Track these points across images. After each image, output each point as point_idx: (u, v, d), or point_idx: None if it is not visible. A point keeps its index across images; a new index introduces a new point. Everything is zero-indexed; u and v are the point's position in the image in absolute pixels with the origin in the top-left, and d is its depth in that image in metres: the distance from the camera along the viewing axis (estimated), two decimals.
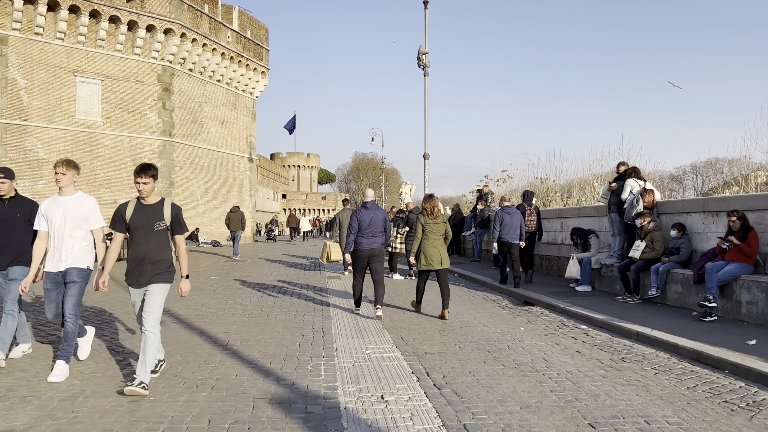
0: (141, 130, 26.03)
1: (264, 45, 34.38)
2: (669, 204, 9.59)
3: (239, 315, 8.55)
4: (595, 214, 11.42)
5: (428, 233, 8.34)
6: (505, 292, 11.06)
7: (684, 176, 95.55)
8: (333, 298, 10.37)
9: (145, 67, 26.12)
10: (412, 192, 54.09)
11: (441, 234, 8.39)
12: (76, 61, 24.09)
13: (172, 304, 9.45)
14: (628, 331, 7.21)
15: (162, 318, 8.47)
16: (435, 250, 8.30)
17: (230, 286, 12.08)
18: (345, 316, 8.45)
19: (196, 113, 29.18)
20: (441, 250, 8.35)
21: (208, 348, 6.47)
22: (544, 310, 9.10)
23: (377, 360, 5.92)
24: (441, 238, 8.40)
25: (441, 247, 8.37)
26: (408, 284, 12.49)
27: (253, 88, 34.18)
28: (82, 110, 24.27)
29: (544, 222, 13.55)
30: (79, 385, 5.09)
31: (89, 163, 24.42)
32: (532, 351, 6.34)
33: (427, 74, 20.31)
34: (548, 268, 13.18)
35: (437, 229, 8.35)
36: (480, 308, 9.39)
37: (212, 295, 10.76)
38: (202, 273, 14.82)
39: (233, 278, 13.51)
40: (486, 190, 17.39)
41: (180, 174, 27.87)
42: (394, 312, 8.88)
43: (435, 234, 8.34)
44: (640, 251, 9.11)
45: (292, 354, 6.20)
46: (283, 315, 8.55)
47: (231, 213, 19.87)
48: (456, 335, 7.18)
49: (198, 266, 16.72)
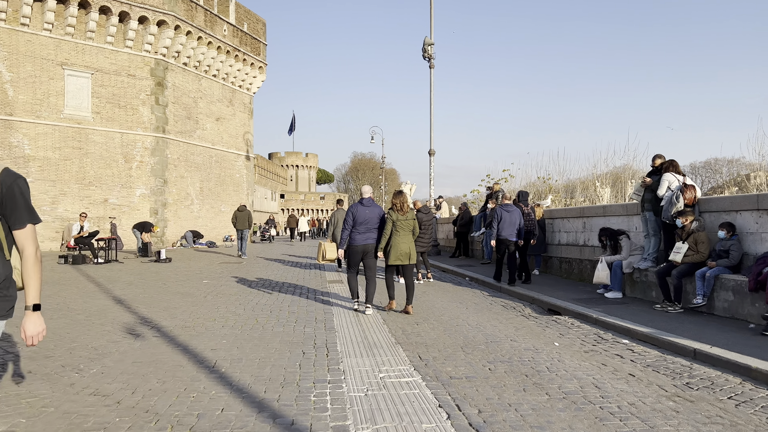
0: (133, 126, 24.97)
1: (261, 39, 33.33)
2: (713, 201, 8.57)
3: (231, 327, 7.52)
4: (624, 212, 10.41)
5: (398, 228, 8.47)
6: (526, 299, 10.05)
7: None
8: (336, 305, 9.35)
9: (137, 60, 25.07)
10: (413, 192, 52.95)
11: (410, 229, 8.56)
12: (65, 54, 23.03)
13: (156, 314, 8.42)
14: (681, 348, 6.20)
15: (142, 331, 7.47)
16: (405, 245, 8.47)
17: (223, 291, 11.05)
18: (351, 328, 7.43)
19: (191, 109, 28.14)
20: (410, 245, 8.53)
21: (191, 370, 5.44)
22: (575, 321, 8.09)
23: (394, 387, 4.90)
24: (410, 234, 8.57)
25: (410, 242, 8.55)
26: (416, 289, 11.47)
27: (250, 84, 33.13)
28: (70, 105, 23.21)
29: (563, 222, 12.56)
30: None
31: (78, 160, 23.37)
32: (577, 374, 5.33)
33: (432, 66, 19.30)
34: (568, 272, 12.18)
35: (406, 225, 8.52)
36: (502, 318, 8.37)
37: (202, 302, 9.73)
38: (193, 276, 13.78)
39: (227, 282, 12.48)
40: (497, 187, 16.36)
41: (174, 172, 26.81)
42: (406, 322, 7.87)
43: (404, 230, 8.50)
44: (681, 254, 8.10)
45: (291, 378, 5.17)
46: (280, 327, 7.52)
47: (238, 212, 19.52)
48: (482, 353, 6.16)
49: (190, 269, 15.69)
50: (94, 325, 7.64)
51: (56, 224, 22.62)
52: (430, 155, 19.54)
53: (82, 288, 11.47)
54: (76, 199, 23.27)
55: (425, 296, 10.51)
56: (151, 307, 9.09)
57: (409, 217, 8.53)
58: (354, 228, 8.40)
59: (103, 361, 5.78)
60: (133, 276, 13.86)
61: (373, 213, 8.46)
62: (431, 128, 19.37)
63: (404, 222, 8.48)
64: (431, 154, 19.53)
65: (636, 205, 9.95)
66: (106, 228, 22.06)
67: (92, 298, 10.05)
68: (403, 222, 8.48)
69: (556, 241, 12.78)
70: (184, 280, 13.03)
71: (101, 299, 9.96)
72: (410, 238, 8.57)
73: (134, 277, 13.69)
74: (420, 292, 11.02)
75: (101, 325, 7.62)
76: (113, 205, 24.36)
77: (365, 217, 8.39)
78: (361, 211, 8.42)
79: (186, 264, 17.24)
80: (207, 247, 26.69)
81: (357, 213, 8.40)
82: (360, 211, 8.41)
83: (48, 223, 22.52)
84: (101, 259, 16.91)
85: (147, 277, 13.50)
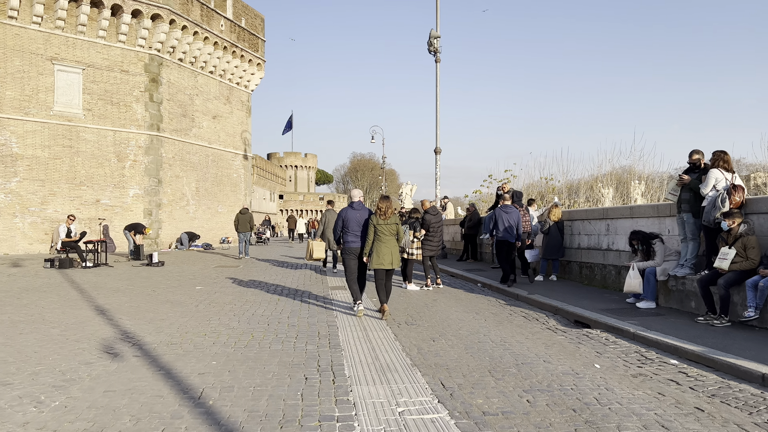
0: (126, 124, 24.08)
1: (260, 35, 32.44)
2: (763, 201, 7.69)
3: (223, 344, 6.64)
4: (654, 214, 9.54)
5: (380, 234, 8.41)
6: (548, 308, 9.18)
7: None
8: (340, 315, 8.47)
9: (130, 55, 24.18)
10: (413, 192, 52.13)
11: (393, 234, 8.51)
12: (55, 48, 22.14)
13: (140, 327, 7.53)
14: (745, 372, 5.33)
15: (121, 349, 6.57)
16: (387, 250, 8.43)
17: (217, 299, 10.17)
18: (359, 345, 6.55)
19: (187, 106, 27.24)
20: (393, 250, 8.51)
21: (172, 403, 4.56)
22: (609, 335, 7.22)
23: (417, 427, 4.02)
24: (393, 238, 8.52)
25: (393, 247, 8.52)
26: (426, 296, 10.60)
27: (248, 81, 32.24)
28: (61, 101, 22.31)
29: (584, 224, 11.69)
30: None
31: (69, 159, 22.47)
32: (634, 408, 4.45)
33: (438, 60, 18.43)
34: (590, 278, 11.31)
35: (389, 229, 8.45)
36: (527, 332, 7.50)
37: (193, 312, 8.84)
38: (186, 282, 12.89)
39: (222, 289, 11.60)
40: (507, 187, 15.49)
41: (169, 171, 25.91)
42: (421, 338, 6.99)
43: (387, 234, 8.44)
44: (729, 260, 7.22)
45: (292, 414, 4.30)
46: (279, 344, 6.64)
47: (240, 214, 19.79)
48: (515, 378, 5.28)
49: (183, 273, 14.80)
50: (68, 341, 6.75)
51: (45, 226, 21.71)
52: (436, 153, 18.68)
53: (64, 296, 10.58)
54: (67, 200, 22.37)
55: (437, 305, 9.64)
56: (135, 319, 8.21)
57: (391, 222, 8.46)
58: (346, 231, 8.54)
59: (70, 390, 4.89)
60: (121, 281, 12.97)
61: (363, 216, 8.57)
62: (437, 125, 18.53)
63: (386, 227, 8.42)
64: (437, 152, 18.66)
65: (669, 206, 9.08)
66: (96, 230, 21.13)
67: (72, 308, 9.16)
68: (385, 227, 8.41)
69: (576, 245, 11.92)
70: (176, 286, 12.15)
71: (82, 309, 9.07)
72: (393, 242, 8.53)
73: (122, 282, 12.80)
74: (430, 300, 10.16)
75: (76, 341, 6.73)
76: (105, 206, 23.46)
77: (356, 220, 8.51)
78: (351, 215, 8.55)
79: (179, 268, 16.35)
80: (203, 249, 25.79)
81: (347, 217, 8.54)
82: (350, 215, 8.55)
83: (37, 224, 21.63)
84: (90, 263, 16.02)
85: (136, 283, 12.61)
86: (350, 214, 8.57)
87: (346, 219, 8.54)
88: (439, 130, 18.50)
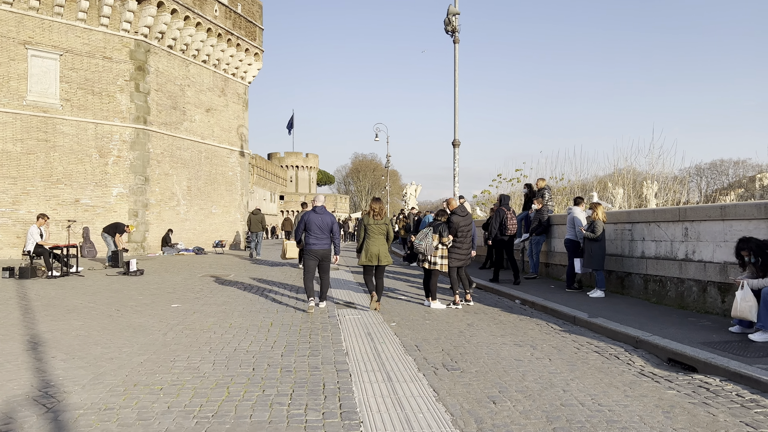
0: (109, 116, 21.89)
1: (257, 23, 30.24)
2: None
3: (181, 410, 4.44)
4: (759, 215, 7.34)
5: (370, 233, 8.99)
6: (623, 338, 6.99)
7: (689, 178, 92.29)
8: (353, 350, 6.29)
9: (114, 41, 22.00)
10: (417, 193, 49.83)
11: (383, 233, 9.05)
12: (28, 31, 19.96)
13: (73, 374, 5.31)
14: None
15: (23, 422, 4.07)
16: (376, 248, 8.94)
17: (193, 324, 7.99)
18: (386, 412, 4.36)
19: (177, 98, 25.06)
20: (381, 248, 9.01)
21: None
22: (737, 387, 5.02)
23: None
24: (383, 237, 9.04)
25: (382, 245, 9.02)
26: (457, 319, 8.41)
27: (245, 72, 30.03)
28: (35, 90, 20.13)
29: (649, 227, 9.50)
30: None
31: (44, 154, 20.30)
32: None
33: (457, 41, 16.24)
34: (659, 295, 9.12)
35: (379, 229, 9.01)
36: (616, 380, 5.29)
37: (158, 345, 6.65)
38: (162, 297, 10.71)
39: (202, 307, 9.42)
40: (541, 184, 13.34)
41: (157, 169, 23.74)
42: (473, 396, 4.80)
43: (377, 234, 9.00)
44: None
45: None
46: (265, 410, 4.45)
47: (252, 215, 20.74)
48: None
49: (162, 284, 12.61)
50: None
51: (17, 228, 19.53)
52: (455, 146, 16.47)
53: (2, 318, 8.39)
54: (42, 199, 20.20)
55: (476, 333, 7.45)
56: (74, 358, 6.03)
57: (381, 222, 9.05)
58: (308, 233, 8.93)
59: None
60: (83, 297, 10.79)
61: (325, 220, 8.96)
62: (455, 114, 16.31)
63: (376, 226, 9.00)
64: (456, 145, 16.45)
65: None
66: (63, 235, 18.89)
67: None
68: (375, 226, 9.00)
69: (638, 253, 9.72)
70: (148, 303, 9.97)
71: (10, 341, 6.88)
72: (382, 240, 9.05)
73: (84, 298, 10.62)
74: (464, 326, 7.97)
75: None
76: (86, 206, 21.28)
77: (317, 223, 8.90)
78: (314, 218, 8.92)
79: (160, 278, 14.16)
80: (195, 253, 23.62)
81: (309, 220, 8.92)
82: (312, 218, 8.92)
83: (7, 227, 19.45)
84: (56, 272, 13.85)
85: (100, 299, 10.44)
86: (312, 217, 8.95)
87: (309, 222, 8.94)
88: (458, 120, 16.31)
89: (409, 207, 41.76)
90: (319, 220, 8.91)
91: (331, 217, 9.04)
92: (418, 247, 9.21)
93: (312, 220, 8.89)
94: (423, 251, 9.18)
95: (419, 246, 9.19)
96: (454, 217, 9.67)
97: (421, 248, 9.17)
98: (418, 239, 9.25)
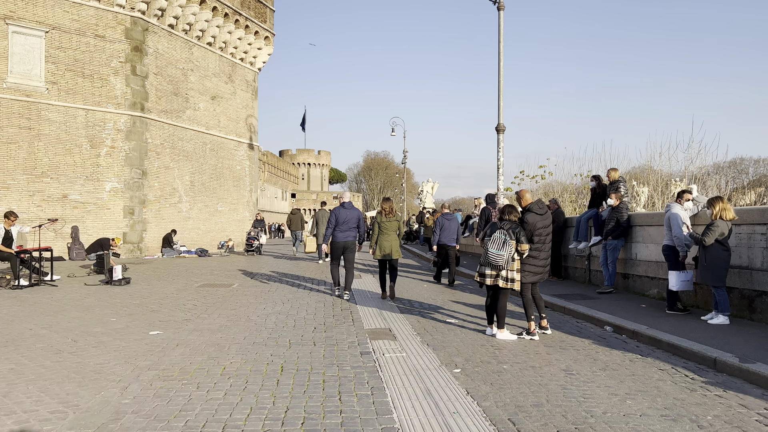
0: (102, 102, 19.59)
1: (268, 3, 27.82)
2: None
3: None
4: None
5: (383, 230, 10.03)
6: None
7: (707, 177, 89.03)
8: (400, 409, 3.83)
9: (107, 17, 19.69)
10: (434, 190, 47.01)
11: (394, 230, 10.06)
12: (10, 5, 17.72)
13: None
14: None
15: None
16: (388, 243, 9.99)
17: (173, 365, 5.55)
18: None
19: (179, 83, 22.73)
20: (393, 243, 10.03)
21: None
22: None
23: None
24: (394, 234, 10.06)
25: (393, 240, 10.04)
26: (535, 357, 5.89)
27: (255, 57, 27.64)
28: (17, 71, 17.87)
29: None
30: None
31: (27, 144, 18.04)
32: None
33: (502, 7, 13.72)
34: (740, 307, 6.54)
35: (391, 226, 10.04)
36: None
37: (105, 415, 4.20)
38: (142, 318, 8.30)
39: (189, 337, 6.99)
40: (614, 175, 10.77)
41: (156, 161, 21.41)
42: None
43: (389, 230, 10.03)
44: None
45: None
46: None
47: (291, 215, 21.34)
48: None
49: (150, 298, 10.22)
50: None
51: None
52: (498, 132, 13.95)
53: None
54: (24, 195, 17.94)
55: (587, 392, 4.91)
56: None
57: (392, 220, 10.04)
58: (336, 227, 9.95)
59: None
60: (41, 317, 8.42)
61: (351, 215, 9.98)
62: (500, 95, 13.78)
63: (387, 224, 10.02)
64: (500, 131, 13.93)
65: None
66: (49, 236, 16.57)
67: None
68: (386, 224, 10.01)
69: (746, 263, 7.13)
70: (120, 329, 7.56)
71: None
72: (394, 236, 10.04)
73: (42, 319, 8.24)
74: (563, 376, 5.43)
75: None
76: (75, 203, 19.00)
77: (345, 218, 9.91)
78: (342, 213, 9.94)
79: (149, 288, 11.77)
80: (197, 255, 21.27)
81: (339, 215, 9.92)
82: (341, 214, 9.94)
83: None
84: (24, 281, 11.51)
85: (60, 321, 8.05)
86: (342, 213, 9.92)
87: (338, 217, 9.87)
88: (502, 101, 13.78)
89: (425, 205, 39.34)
90: (347, 214, 9.92)
91: (357, 212, 10.08)
92: (497, 259, 6.67)
93: (341, 216, 9.88)
94: (502, 264, 6.66)
95: (497, 257, 6.64)
96: (530, 215, 7.15)
97: (501, 260, 6.64)
98: (495, 248, 6.69)
